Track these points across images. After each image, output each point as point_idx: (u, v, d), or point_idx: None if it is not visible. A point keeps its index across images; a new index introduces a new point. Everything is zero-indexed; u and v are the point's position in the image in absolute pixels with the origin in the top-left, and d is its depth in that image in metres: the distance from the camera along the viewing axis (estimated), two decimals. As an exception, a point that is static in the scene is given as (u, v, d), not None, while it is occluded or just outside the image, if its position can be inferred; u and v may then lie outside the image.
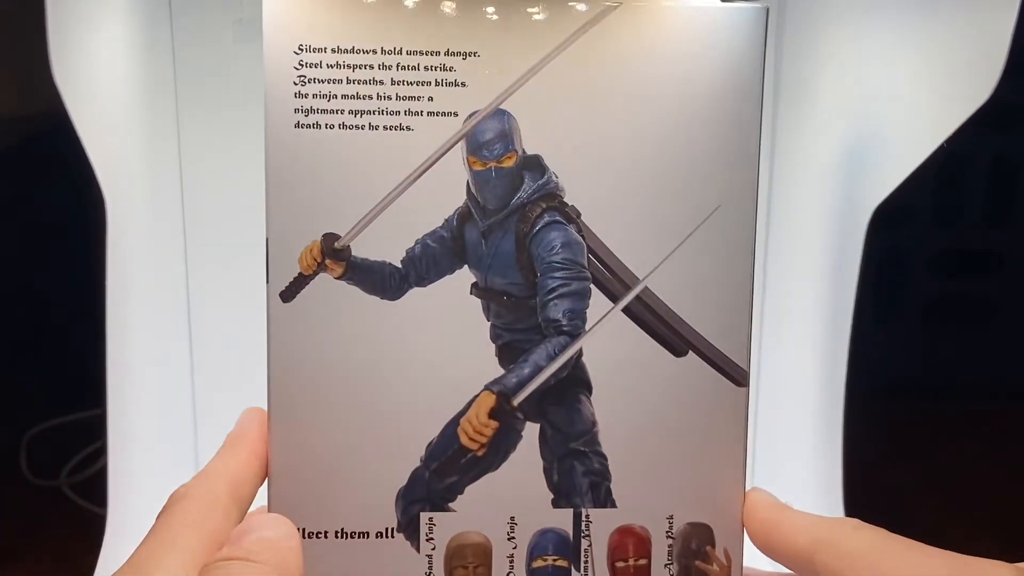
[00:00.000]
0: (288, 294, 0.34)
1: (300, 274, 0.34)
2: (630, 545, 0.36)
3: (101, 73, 0.46)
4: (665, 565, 0.36)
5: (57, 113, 0.41)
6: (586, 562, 0.36)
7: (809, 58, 0.52)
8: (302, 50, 0.33)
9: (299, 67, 0.33)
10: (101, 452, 0.48)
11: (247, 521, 0.32)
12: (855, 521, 0.33)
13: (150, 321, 0.52)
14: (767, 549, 0.35)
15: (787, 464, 0.42)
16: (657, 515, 0.36)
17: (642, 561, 0.36)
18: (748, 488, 0.36)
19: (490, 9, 0.34)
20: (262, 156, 0.34)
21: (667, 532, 0.36)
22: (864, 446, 0.53)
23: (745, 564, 0.36)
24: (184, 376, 0.55)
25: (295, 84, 0.33)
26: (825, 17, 0.51)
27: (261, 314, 0.35)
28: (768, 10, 0.35)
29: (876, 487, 0.34)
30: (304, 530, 0.35)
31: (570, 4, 0.34)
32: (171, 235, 0.53)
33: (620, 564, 0.36)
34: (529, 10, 0.34)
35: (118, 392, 0.47)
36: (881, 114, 0.49)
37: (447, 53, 0.34)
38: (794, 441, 0.55)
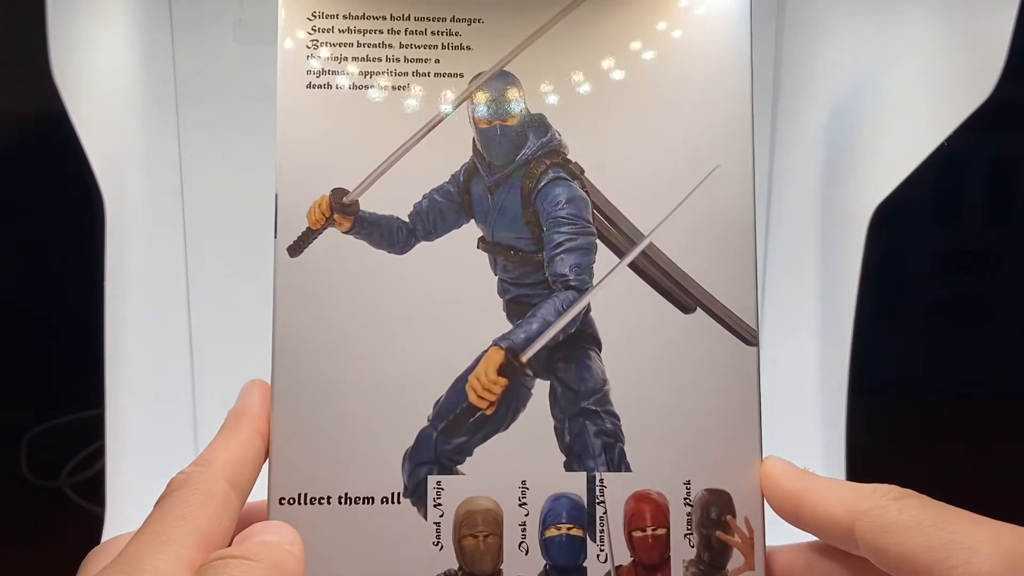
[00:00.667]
0: (296, 249, 0.34)
1: (308, 229, 0.34)
2: (647, 513, 0.34)
3: (101, 73, 0.46)
4: (685, 535, 0.34)
5: (57, 113, 0.41)
6: (602, 531, 0.34)
7: (808, 57, 0.54)
8: (315, 16, 0.35)
9: (312, 32, 0.35)
10: (101, 452, 0.47)
11: (251, 527, 0.31)
12: (896, 489, 0.31)
13: (149, 321, 0.51)
14: (795, 519, 0.33)
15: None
16: (673, 480, 0.35)
17: (661, 531, 0.34)
18: (765, 455, 0.35)
19: None
20: (262, 155, 0.35)
21: (685, 499, 0.34)
22: (866, 446, 0.52)
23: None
24: (184, 376, 0.53)
25: (307, 48, 0.35)
26: (823, 16, 0.53)
27: (262, 314, 0.35)
28: None
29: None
30: (306, 495, 0.33)
31: None
32: (171, 235, 0.53)
33: (638, 534, 0.34)
34: None
35: (117, 392, 0.45)
36: (881, 113, 0.50)
37: (453, 19, 0.35)
38: (795, 441, 0.53)
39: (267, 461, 0.33)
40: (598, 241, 0.35)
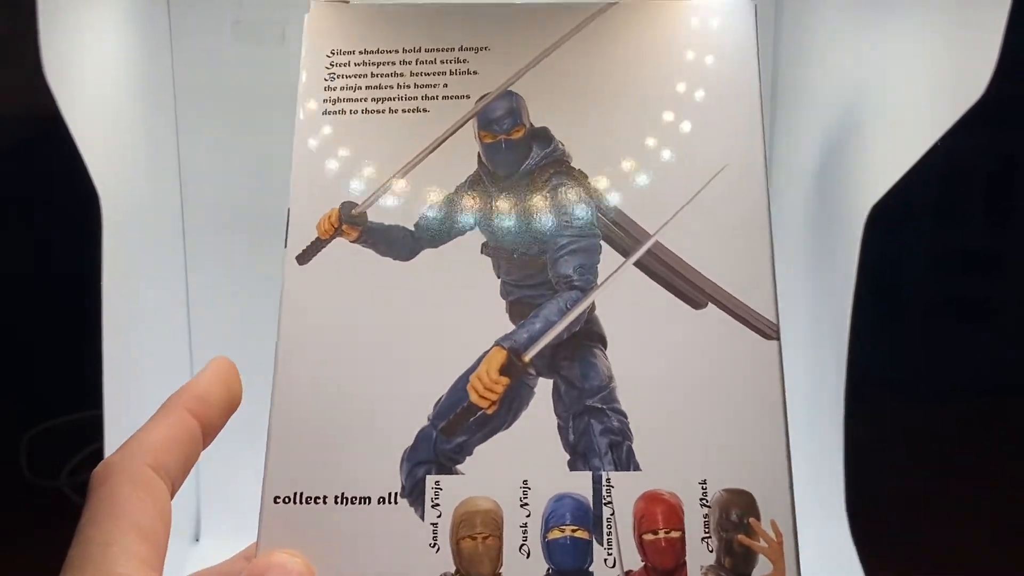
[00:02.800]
0: (304, 257, 0.35)
1: (317, 238, 0.35)
2: (659, 514, 0.32)
3: (97, 73, 0.47)
4: (702, 539, 0.31)
5: (50, 114, 0.42)
6: (609, 533, 0.32)
7: (805, 58, 0.53)
8: (333, 54, 0.38)
9: (330, 67, 0.38)
10: (101, 452, 0.47)
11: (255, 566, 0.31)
12: None
13: (149, 321, 0.50)
14: None
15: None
16: (688, 480, 0.32)
17: (674, 533, 0.32)
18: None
19: (500, 10, 0.38)
20: (261, 154, 0.36)
21: (701, 500, 0.32)
22: (865, 446, 0.50)
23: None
24: (184, 376, 0.52)
25: (325, 80, 0.37)
26: (821, 18, 0.52)
27: (261, 314, 0.35)
28: None
29: (877, 487, 0.30)
30: (301, 495, 0.33)
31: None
32: (170, 234, 0.53)
33: (649, 536, 0.32)
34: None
35: (117, 392, 0.46)
36: (877, 113, 0.49)
37: (461, 48, 0.37)
38: (795, 442, 0.49)
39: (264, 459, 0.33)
40: (603, 243, 0.35)
